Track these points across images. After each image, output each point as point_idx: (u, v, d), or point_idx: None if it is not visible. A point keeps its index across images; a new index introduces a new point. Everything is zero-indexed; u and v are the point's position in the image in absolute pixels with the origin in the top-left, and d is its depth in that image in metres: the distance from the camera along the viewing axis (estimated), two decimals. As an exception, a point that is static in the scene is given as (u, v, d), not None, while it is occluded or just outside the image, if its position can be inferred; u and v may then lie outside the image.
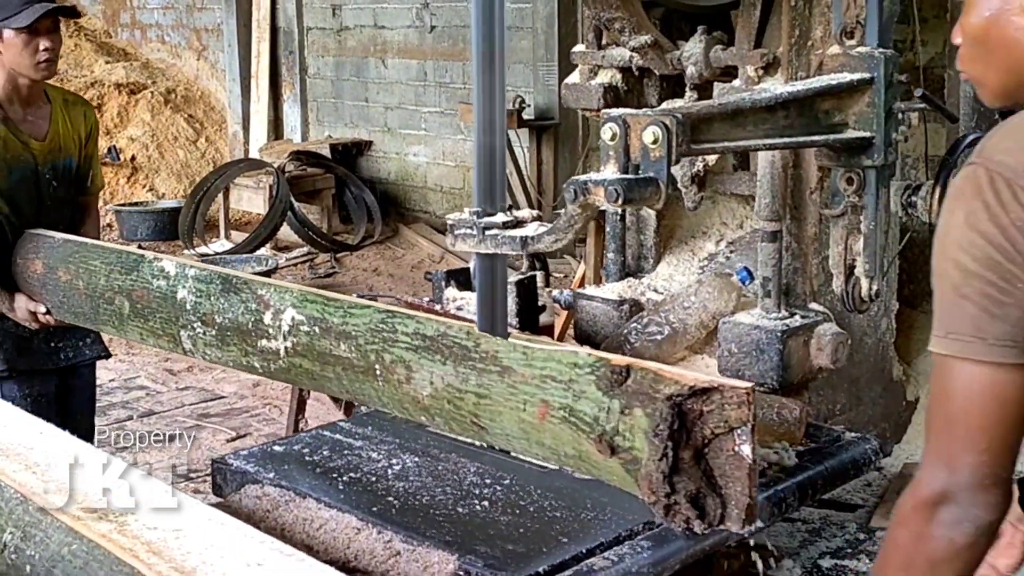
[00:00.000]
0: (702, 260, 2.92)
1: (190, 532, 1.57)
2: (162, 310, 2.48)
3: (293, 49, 9.86)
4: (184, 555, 1.51)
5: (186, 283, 2.43)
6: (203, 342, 2.40)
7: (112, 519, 1.59)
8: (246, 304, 2.29)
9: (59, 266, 2.83)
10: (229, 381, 5.76)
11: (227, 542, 1.56)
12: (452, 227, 2.36)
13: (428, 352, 1.98)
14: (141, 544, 1.53)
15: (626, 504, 2.09)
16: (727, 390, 1.61)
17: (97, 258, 2.73)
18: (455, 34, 8.65)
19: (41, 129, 3.04)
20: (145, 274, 2.54)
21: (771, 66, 2.49)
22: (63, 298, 2.82)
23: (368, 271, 8.18)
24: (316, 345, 2.14)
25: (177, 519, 1.60)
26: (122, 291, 2.59)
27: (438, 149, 9.00)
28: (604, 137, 2.10)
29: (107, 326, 2.74)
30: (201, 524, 1.61)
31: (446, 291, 2.68)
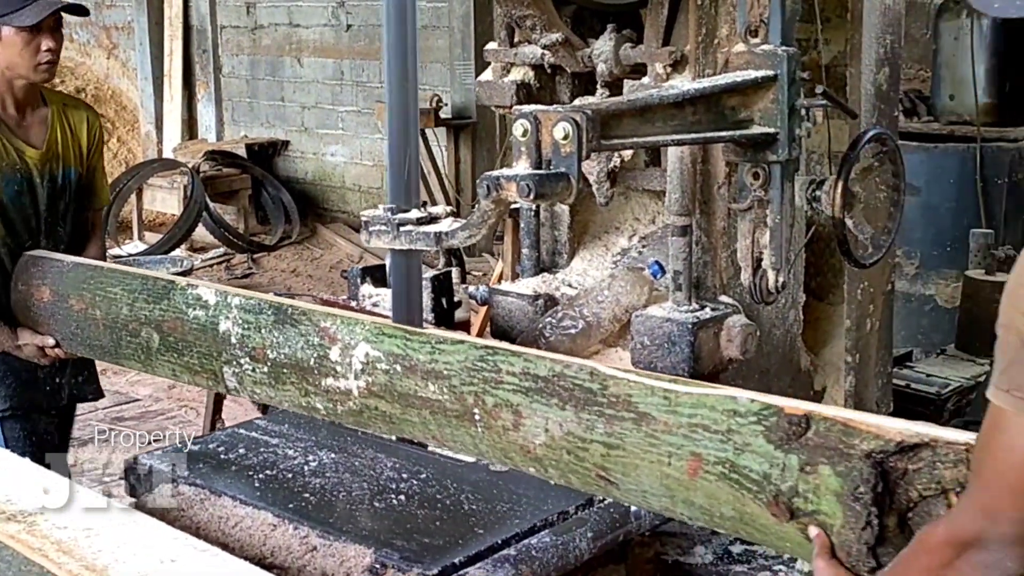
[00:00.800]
0: (615, 255, 2.96)
1: (102, 531, 1.56)
2: (200, 344, 2.24)
3: (207, 47, 9.75)
4: (95, 553, 1.50)
5: (229, 313, 2.19)
6: (251, 380, 2.17)
7: (21, 519, 1.58)
8: (307, 338, 2.06)
9: (71, 293, 2.58)
10: (144, 384, 5.68)
11: (140, 540, 1.56)
12: (367, 224, 2.37)
13: (542, 395, 1.74)
14: (51, 544, 1.52)
15: (540, 495, 2.12)
16: (941, 446, 1.39)
17: (117, 284, 2.46)
18: (371, 33, 8.62)
19: (38, 136, 2.83)
20: (178, 303, 2.29)
21: (679, 64, 2.54)
22: (76, 329, 2.57)
23: (286, 272, 8.12)
24: (397, 385, 1.92)
25: (88, 518, 1.59)
26: (150, 322, 2.34)
27: (355, 148, 8.98)
28: (516, 133, 2.12)
29: (131, 360, 2.46)
30: (113, 523, 1.60)
31: (362, 288, 2.69)
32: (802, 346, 2.98)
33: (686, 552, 2.36)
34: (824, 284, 3.14)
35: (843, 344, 3.05)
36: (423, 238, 2.31)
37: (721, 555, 2.32)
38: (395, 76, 2.34)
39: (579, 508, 2.08)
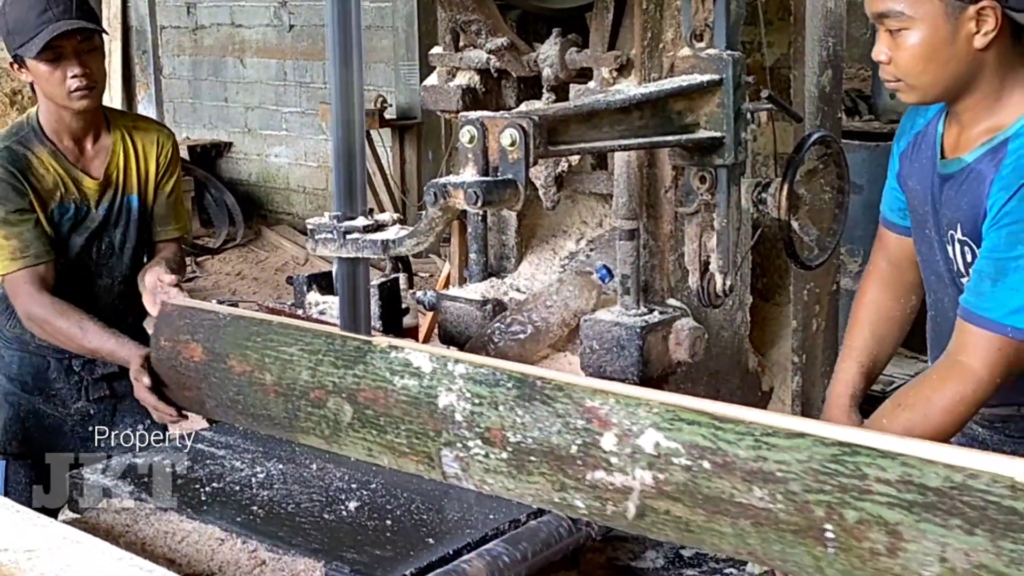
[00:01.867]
0: (563, 259, 2.96)
1: (43, 552, 1.53)
2: (410, 420, 1.92)
3: (147, 48, 9.63)
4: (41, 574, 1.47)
5: (453, 384, 1.87)
6: (482, 467, 1.85)
7: None
8: (565, 419, 1.73)
9: (231, 352, 2.25)
10: (86, 392, 5.59)
11: (84, 561, 1.52)
12: (312, 232, 2.34)
13: (935, 513, 1.35)
14: None
15: (492, 504, 2.11)
16: None
17: (294, 343, 2.14)
18: (314, 33, 8.57)
19: (99, 165, 2.74)
20: (379, 369, 1.97)
21: (625, 68, 2.54)
22: (236, 395, 2.23)
23: (231, 275, 8.05)
24: (703, 487, 1.56)
25: (29, 538, 1.55)
26: (340, 391, 2.03)
27: (300, 150, 8.92)
28: (462, 140, 2.11)
29: (310, 435, 2.11)
30: (55, 543, 1.57)
31: (308, 295, 2.66)
32: (750, 347, 3.00)
33: (638, 557, 2.36)
34: (771, 285, 3.16)
35: (790, 344, 3.08)
36: (370, 246, 2.29)
37: (672, 559, 2.33)
38: (339, 78, 2.31)
39: (531, 516, 2.08)
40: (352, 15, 2.30)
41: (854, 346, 2.49)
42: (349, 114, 2.32)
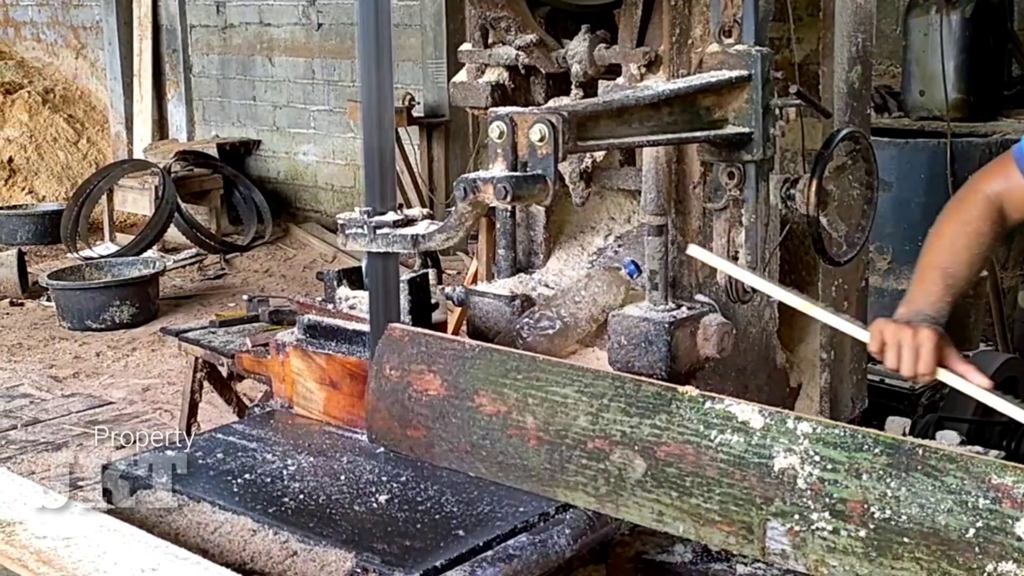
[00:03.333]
0: (591, 255, 2.96)
1: (81, 540, 1.55)
2: (730, 484, 1.69)
3: (177, 47, 9.70)
4: (75, 563, 1.49)
5: (795, 444, 1.63)
6: (826, 545, 1.61)
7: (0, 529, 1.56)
8: (960, 496, 1.50)
9: (481, 388, 2.00)
10: (118, 387, 5.66)
11: (120, 548, 1.55)
12: (343, 227, 2.37)
13: None
14: (30, 554, 1.50)
15: (521, 498, 2.12)
16: None
17: (568, 383, 1.90)
18: (342, 31, 8.61)
19: None
20: (688, 421, 1.73)
21: (653, 64, 2.55)
22: (482, 439, 2.00)
23: (259, 272, 8.10)
24: None
25: (67, 527, 1.57)
26: (632, 442, 1.79)
27: (327, 148, 8.96)
28: (492, 135, 2.12)
29: (578, 491, 1.89)
30: (92, 531, 1.59)
31: (338, 290, 2.67)
32: (778, 343, 2.99)
33: (666, 551, 2.36)
34: (799, 281, 3.15)
35: (818, 341, 3.07)
36: (400, 241, 2.31)
37: (700, 553, 2.33)
38: (370, 76, 2.33)
39: (559, 510, 2.09)
40: (382, 14, 2.32)
41: (940, 260, 2.34)
42: (380, 111, 2.34)
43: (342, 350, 2.53)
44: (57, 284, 6.80)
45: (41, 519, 1.58)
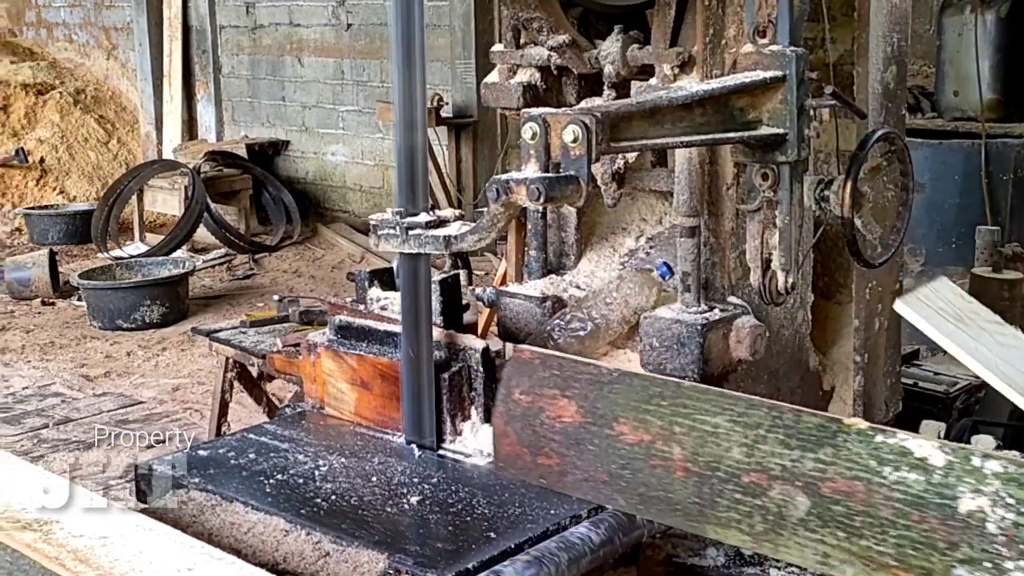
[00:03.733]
0: (623, 256, 2.95)
1: (117, 539, 1.55)
2: (907, 526, 1.55)
3: (206, 48, 9.75)
4: (112, 562, 1.49)
5: (983, 485, 1.49)
6: None
7: (37, 528, 1.56)
8: None
9: (622, 416, 1.87)
10: (148, 386, 5.69)
11: (156, 548, 1.55)
12: (375, 227, 2.37)
13: None
14: (67, 552, 1.51)
15: (553, 500, 2.12)
16: None
17: (720, 412, 1.76)
18: (372, 32, 8.62)
19: None
20: (858, 456, 1.59)
21: (687, 65, 2.53)
22: (622, 468, 1.87)
23: (288, 272, 8.12)
24: None
25: (104, 526, 1.58)
26: (793, 478, 1.66)
27: (356, 148, 8.97)
28: (524, 136, 2.12)
29: (731, 528, 1.75)
30: (128, 531, 1.59)
31: (369, 291, 2.68)
32: (811, 346, 2.97)
33: (697, 554, 2.35)
34: (832, 283, 3.13)
35: (852, 343, 3.05)
36: (432, 242, 2.31)
37: (733, 557, 2.31)
38: (402, 77, 2.33)
39: (591, 512, 2.08)
40: (415, 15, 2.32)
41: None
42: (412, 112, 2.34)
43: (373, 351, 2.53)
44: (88, 284, 6.84)
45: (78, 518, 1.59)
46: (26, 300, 7.34)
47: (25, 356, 6.22)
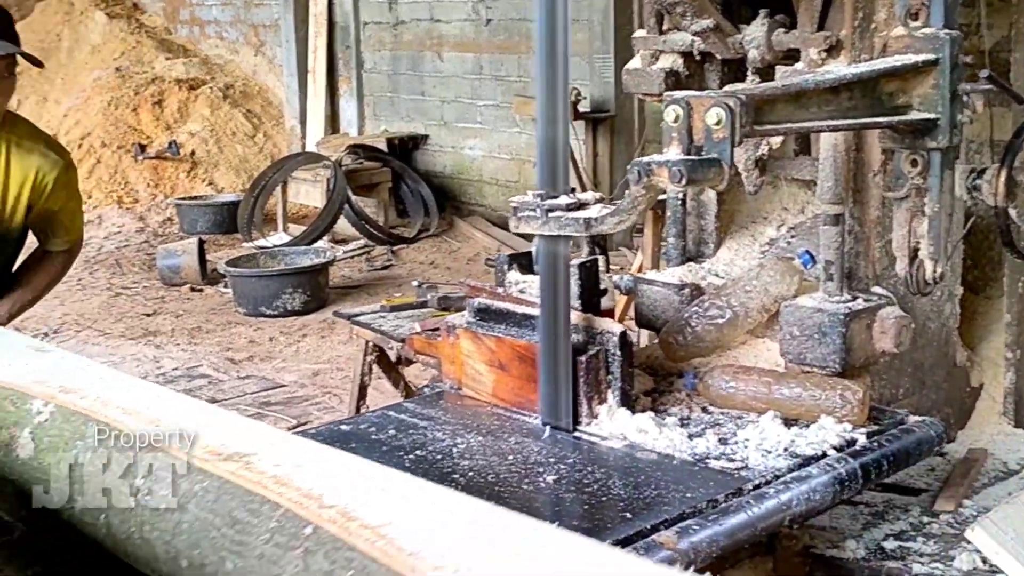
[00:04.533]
0: (762, 245, 2.92)
1: (310, 466, 1.60)
2: None
3: (350, 44, 9.95)
4: (310, 484, 1.54)
5: None
6: None
7: (237, 460, 1.62)
8: None
9: None
10: (289, 370, 5.85)
11: (351, 471, 1.59)
12: (516, 210, 2.39)
13: None
14: (268, 478, 1.56)
15: (689, 484, 2.11)
16: None
17: None
18: (511, 27, 8.68)
19: None
20: None
21: (834, 49, 2.49)
22: None
23: (424, 264, 8.24)
24: None
25: (296, 456, 1.64)
26: None
27: (493, 142, 9.04)
28: (667, 119, 2.11)
29: None
30: (319, 459, 1.64)
31: (508, 274, 2.70)
32: (958, 340, 2.89)
33: (836, 546, 2.31)
34: (982, 277, 3.04)
35: (1003, 339, 2.95)
36: (572, 224, 2.32)
37: (874, 550, 2.27)
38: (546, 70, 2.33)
39: (729, 496, 2.06)
40: (560, 10, 2.32)
41: None
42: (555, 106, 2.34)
43: (512, 333, 2.55)
44: (234, 271, 7.06)
45: (273, 450, 1.66)
46: (176, 286, 7.63)
47: (175, 339, 6.46)
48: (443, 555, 1.31)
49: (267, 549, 1.43)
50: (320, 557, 1.35)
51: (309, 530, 1.40)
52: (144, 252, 8.73)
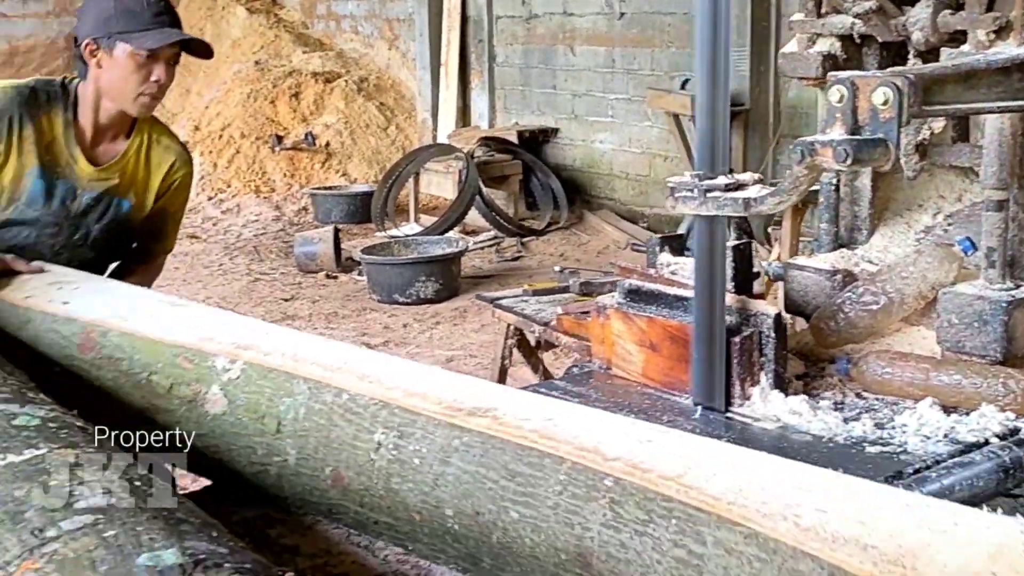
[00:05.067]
0: (918, 232, 2.87)
1: (560, 419, 1.64)
2: None
3: (482, 38, 10.07)
4: (574, 435, 1.57)
5: None
6: None
7: (482, 415, 1.65)
8: None
9: None
10: (423, 356, 5.96)
11: (601, 424, 1.63)
12: (673, 190, 2.40)
13: None
14: (527, 431, 1.60)
15: (847, 466, 2.09)
16: None
17: None
18: (644, 21, 8.67)
19: (103, 159, 2.72)
20: None
21: (1003, 30, 2.43)
22: None
23: (554, 256, 8.29)
24: None
25: (543, 410, 1.67)
26: None
27: (624, 136, 9.04)
28: (831, 99, 2.10)
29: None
30: (563, 414, 1.68)
31: (659, 256, 2.72)
32: (1125, 333, 2.79)
33: None
34: None
35: None
36: (731, 204, 2.32)
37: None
38: (708, 47, 2.34)
39: (888, 479, 2.04)
40: (722, 1, 2.32)
41: None
42: (715, 70, 2.34)
43: (663, 313, 2.56)
44: (370, 259, 7.22)
45: (515, 404, 1.71)
46: (312, 272, 7.84)
47: (312, 324, 6.64)
48: (768, 503, 1.33)
49: (561, 500, 1.51)
50: (631, 507, 1.44)
51: (609, 482, 1.49)
52: (280, 240, 8.98)
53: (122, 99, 2.62)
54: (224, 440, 1.91)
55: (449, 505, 1.63)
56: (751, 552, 1.34)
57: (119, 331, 2.04)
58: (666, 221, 8.63)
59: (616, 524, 1.47)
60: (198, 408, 1.94)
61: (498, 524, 1.58)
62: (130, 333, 2.03)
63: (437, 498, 1.64)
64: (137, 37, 2.56)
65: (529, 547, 1.56)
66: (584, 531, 1.50)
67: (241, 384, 1.90)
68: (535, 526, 1.55)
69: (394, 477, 1.69)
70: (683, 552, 1.39)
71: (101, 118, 2.68)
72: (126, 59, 2.57)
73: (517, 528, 1.56)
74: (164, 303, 2.21)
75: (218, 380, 1.92)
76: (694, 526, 1.40)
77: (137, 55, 2.57)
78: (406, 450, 1.69)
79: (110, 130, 2.71)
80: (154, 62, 2.59)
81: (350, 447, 1.76)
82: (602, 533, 1.48)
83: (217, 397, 1.90)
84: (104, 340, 2.05)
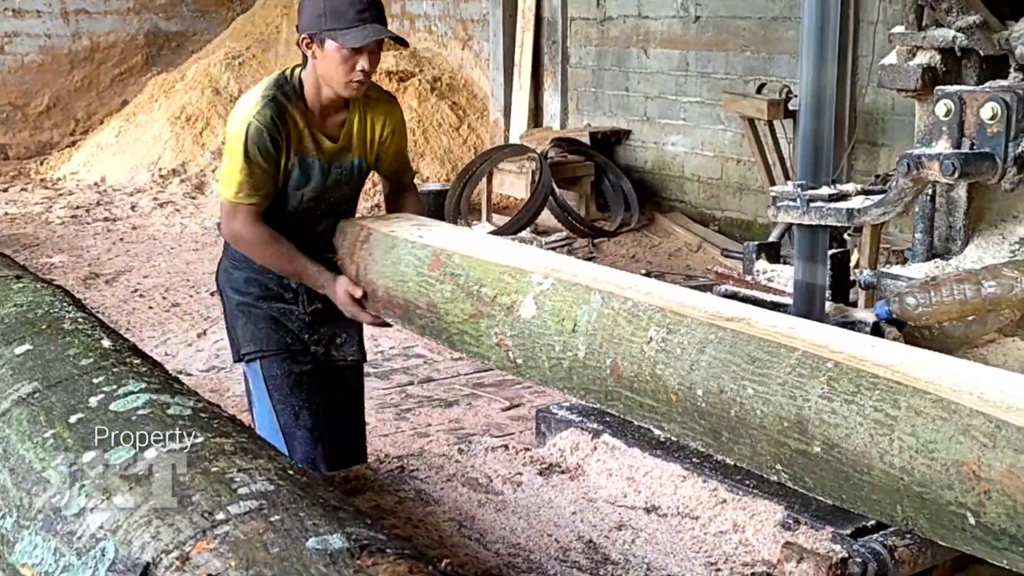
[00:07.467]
0: (1012, 244, 2.89)
1: (802, 328, 2.06)
2: None
3: (556, 39, 10.12)
4: (811, 336, 1.99)
5: None
6: None
7: (738, 320, 2.10)
8: None
9: None
10: (499, 354, 6.04)
11: (838, 334, 2.03)
12: (775, 199, 2.46)
13: None
14: (773, 332, 2.02)
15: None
16: None
17: None
18: (719, 24, 8.67)
19: (334, 131, 3.09)
20: None
21: (1108, 45, 2.46)
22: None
23: (625, 257, 8.33)
24: None
25: (789, 322, 2.12)
26: None
27: (696, 139, 9.06)
28: (937, 113, 2.15)
29: None
30: (805, 325, 2.12)
31: (756, 263, 2.77)
32: None
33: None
34: None
35: None
36: (834, 214, 2.37)
37: None
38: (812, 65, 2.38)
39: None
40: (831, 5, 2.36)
41: None
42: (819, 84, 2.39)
43: (760, 320, 2.62)
44: (444, 257, 7.30)
45: (766, 316, 2.17)
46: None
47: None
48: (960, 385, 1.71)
49: (789, 378, 1.90)
50: (845, 382, 1.83)
51: (830, 364, 1.87)
52: (355, 236, 9.09)
53: (336, 85, 2.96)
54: (530, 340, 2.43)
55: (700, 386, 2.04)
56: (935, 413, 1.70)
57: (461, 254, 2.69)
58: (737, 224, 8.63)
59: (830, 395, 1.85)
60: (513, 313, 2.48)
61: (736, 400, 1.99)
62: (469, 255, 2.68)
63: (691, 380, 2.05)
64: (343, 34, 2.86)
65: (759, 417, 1.95)
66: (804, 402, 1.88)
67: (549, 294, 2.41)
68: (766, 399, 1.93)
69: (659, 364, 2.12)
70: (881, 415, 1.76)
71: (323, 99, 3.02)
72: (334, 53, 2.89)
73: (752, 402, 1.96)
74: (492, 239, 2.95)
75: (532, 291, 2.45)
76: (892, 395, 1.77)
77: (343, 50, 2.88)
78: (671, 342, 2.12)
79: (332, 106, 3.06)
80: (359, 55, 2.90)
81: (627, 341, 2.20)
82: (818, 403, 1.86)
83: (529, 305, 2.43)
84: (449, 261, 2.70)
